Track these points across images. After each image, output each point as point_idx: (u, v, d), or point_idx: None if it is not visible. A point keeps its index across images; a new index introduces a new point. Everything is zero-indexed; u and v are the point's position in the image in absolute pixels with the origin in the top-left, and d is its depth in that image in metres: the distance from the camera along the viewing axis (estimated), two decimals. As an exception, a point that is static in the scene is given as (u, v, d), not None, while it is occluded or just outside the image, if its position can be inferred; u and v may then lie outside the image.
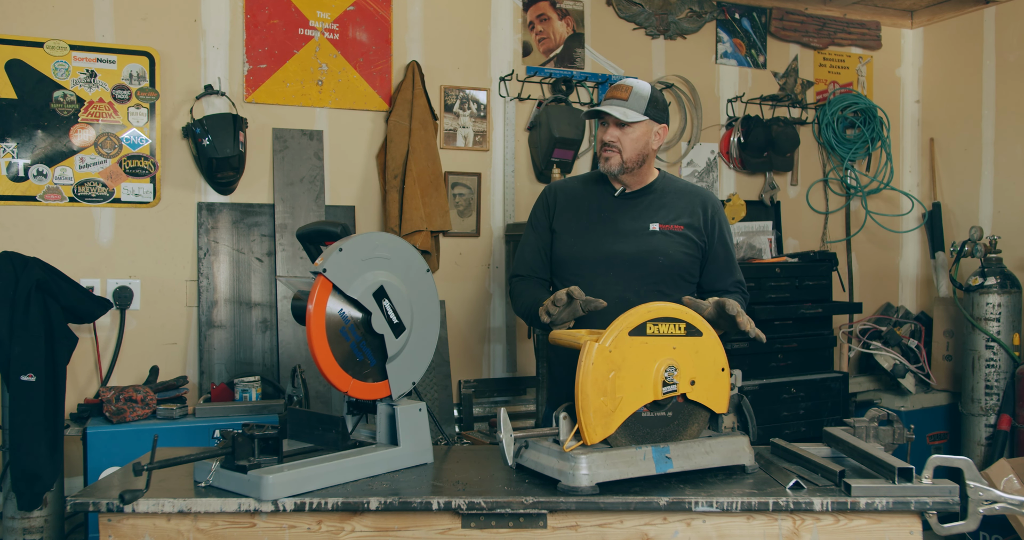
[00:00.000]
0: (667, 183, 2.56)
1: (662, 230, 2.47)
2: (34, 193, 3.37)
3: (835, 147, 4.98)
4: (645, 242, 2.46)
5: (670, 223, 2.48)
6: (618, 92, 2.44)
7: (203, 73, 3.64)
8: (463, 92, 4.12)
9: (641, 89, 2.43)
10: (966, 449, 4.38)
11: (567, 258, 2.55)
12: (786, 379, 4.17)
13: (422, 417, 2.13)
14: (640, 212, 2.50)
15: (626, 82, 2.46)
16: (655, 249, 2.46)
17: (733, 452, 2.01)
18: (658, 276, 2.46)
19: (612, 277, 2.46)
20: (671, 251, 2.46)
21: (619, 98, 2.43)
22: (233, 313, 3.64)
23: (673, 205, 2.51)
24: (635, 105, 2.41)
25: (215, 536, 1.85)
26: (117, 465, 2.88)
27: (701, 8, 4.66)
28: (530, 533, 1.85)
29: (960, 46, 5.00)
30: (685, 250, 2.48)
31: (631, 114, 2.40)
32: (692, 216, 2.50)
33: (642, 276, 2.45)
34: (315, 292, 1.93)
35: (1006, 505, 1.89)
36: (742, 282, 2.58)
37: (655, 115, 2.44)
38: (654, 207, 2.50)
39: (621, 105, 2.41)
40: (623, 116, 2.39)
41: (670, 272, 2.47)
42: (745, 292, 2.58)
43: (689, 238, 2.49)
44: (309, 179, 3.79)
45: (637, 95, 2.42)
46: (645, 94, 2.42)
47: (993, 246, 4.33)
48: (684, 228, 2.49)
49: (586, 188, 2.60)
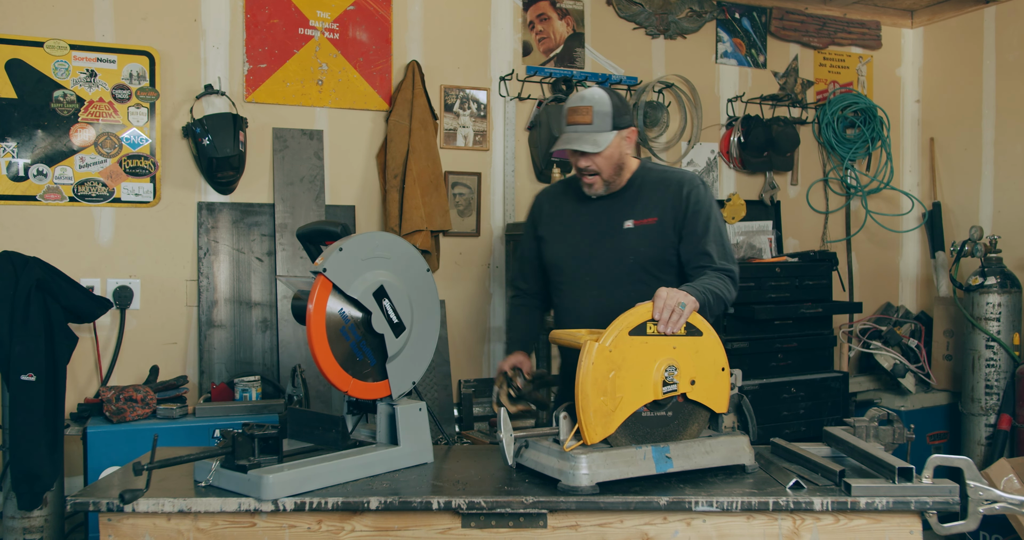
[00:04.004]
0: (646, 174, 2.47)
1: (635, 227, 2.41)
2: (34, 193, 3.37)
3: (835, 147, 4.98)
4: (618, 242, 2.42)
5: (644, 217, 2.41)
6: (579, 116, 2.33)
7: (203, 73, 3.64)
8: (463, 92, 4.12)
9: (601, 104, 2.32)
10: (966, 449, 4.38)
11: (552, 264, 2.54)
12: (786, 379, 4.16)
13: (422, 417, 2.13)
14: (616, 211, 2.45)
15: (584, 100, 2.33)
16: (627, 248, 2.41)
17: (733, 452, 2.01)
18: (633, 275, 2.41)
19: (589, 281, 2.44)
20: (641, 248, 2.40)
21: (582, 123, 2.32)
22: (233, 313, 3.64)
23: (649, 197, 2.43)
24: (601, 125, 2.31)
25: (215, 536, 1.85)
26: (117, 465, 2.88)
27: (701, 8, 4.66)
28: (530, 533, 1.86)
29: (960, 46, 5.00)
30: (659, 242, 2.40)
31: (601, 139, 2.31)
32: (666, 203, 2.41)
33: (617, 277, 2.41)
34: (315, 292, 1.93)
35: (1006, 505, 1.89)
36: (710, 255, 2.36)
37: (621, 123, 2.35)
38: (630, 204, 2.44)
39: (588, 131, 2.31)
40: (594, 147, 2.30)
41: (644, 269, 2.41)
42: (719, 267, 2.35)
43: (662, 228, 2.40)
44: (309, 179, 3.79)
45: (600, 113, 2.31)
46: (607, 109, 2.32)
47: (993, 246, 4.33)
48: (657, 220, 2.40)
49: (568, 191, 2.56)
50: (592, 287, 2.44)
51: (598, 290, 2.43)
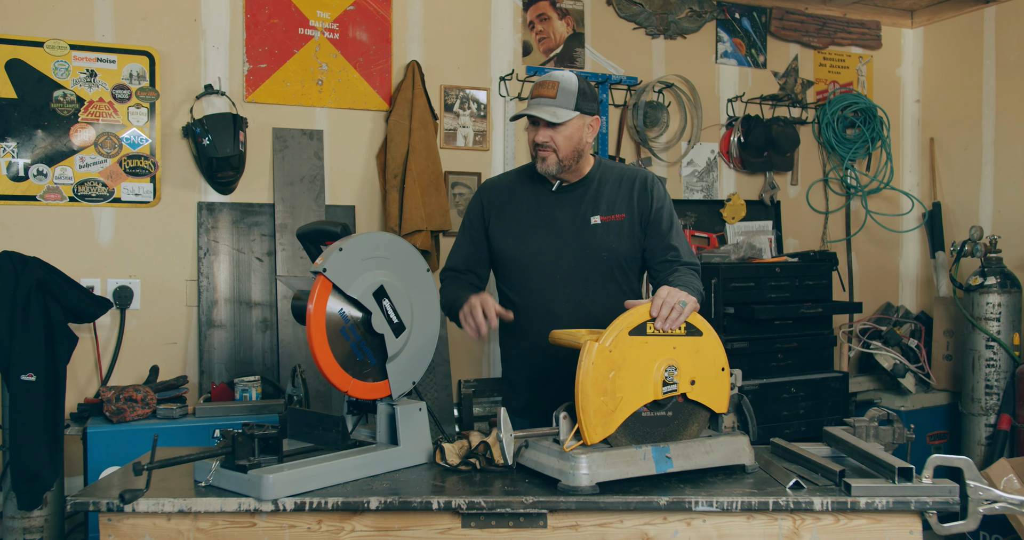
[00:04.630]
0: (604, 171, 2.46)
1: (603, 222, 2.39)
2: (34, 193, 3.37)
3: (835, 147, 4.98)
4: (588, 238, 2.39)
5: (610, 214, 2.39)
6: (544, 89, 2.31)
7: (203, 73, 3.64)
8: (463, 92, 4.12)
9: (568, 83, 2.30)
10: (966, 449, 4.38)
11: (511, 260, 2.46)
12: (786, 379, 4.16)
13: (422, 417, 2.13)
14: (580, 206, 2.41)
15: (552, 77, 2.32)
16: (599, 245, 2.38)
17: (733, 452, 2.01)
18: (607, 272, 2.40)
19: (559, 278, 2.40)
20: (613, 244, 2.39)
21: (546, 96, 2.30)
22: (233, 313, 3.64)
23: (612, 194, 2.42)
24: (564, 102, 2.29)
25: (215, 536, 1.85)
26: (117, 465, 2.89)
27: (701, 8, 4.66)
28: (530, 533, 1.85)
29: (960, 46, 5.00)
30: (628, 239, 2.40)
31: (561, 113, 2.28)
32: (630, 200, 2.41)
33: (589, 273, 2.39)
34: (315, 292, 1.93)
35: (1006, 505, 1.89)
36: (677, 248, 2.39)
37: (586, 108, 2.32)
38: (593, 199, 2.42)
39: (550, 104, 2.29)
40: (553, 117, 2.27)
41: (617, 265, 2.40)
42: (686, 261, 2.39)
43: (631, 225, 2.40)
44: (309, 179, 3.79)
45: (565, 90, 2.29)
46: (573, 89, 2.30)
47: (993, 246, 4.33)
48: (625, 216, 2.40)
49: (521, 184, 2.49)
50: (564, 284, 2.39)
51: (570, 288, 2.39)
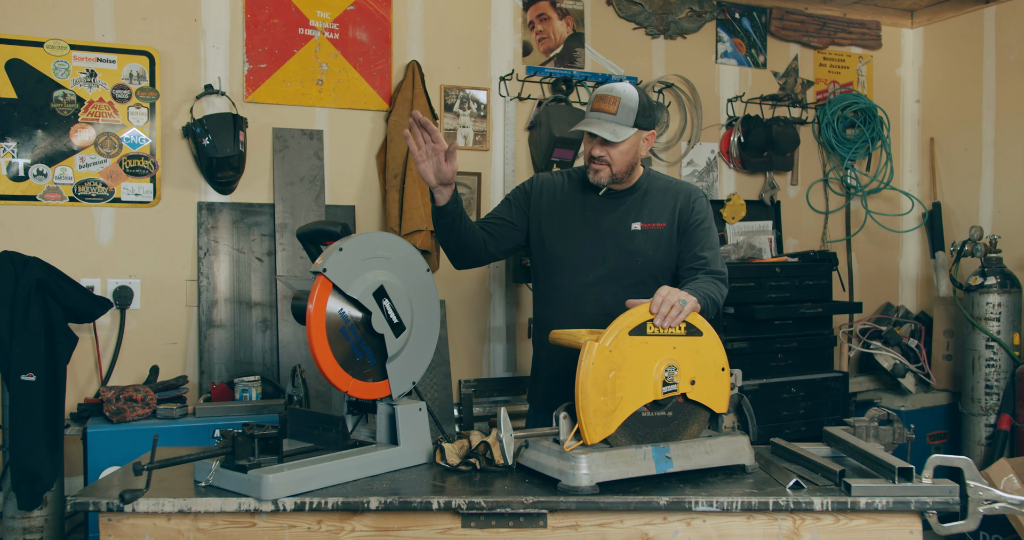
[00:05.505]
0: (652, 181, 2.52)
1: (643, 229, 2.45)
2: (34, 193, 3.37)
3: (835, 147, 4.98)
4: (626, 243, 2.45)
5: (652, 221, 2.46)
6: (605, 104, 2.33)
7: (203, 73, 3.64)
8: (463, 92, 4.12)
9: (629, 99, 2.33)
10: (966, 449, 4.38)
11: (551, 256, 2.53)
12: (786, 379, 4.17)
13: (422, 417, 2.13)
14: (624, 212, 2.48)
15: (614, 91, 2.34)
16: (635, 250, 2.45)
17: (733, 452, 2.01)
18: (637, 276, 2.44)
19: (591, 278, 2.46)
20: (649, 251, 2.45)
21: (606, 112, 2.32)
22: (233, 313, 3.64)
23: (656, 202, 2.48)
24: (624, 119, 2.32)
25: (215, 536, 1.85)
26: (117, 465, 2.89)
27: (701, 8, 4.66)
28: (530, 533, 1.85)
29: (960, 46, 5.00)
30: (665, 248, 2.46)
31: (621, 132, 2.32)
32: (673, 211, 2.47)
33: (621, 277, 2.45)
34: (315, 292, 1.93)
35: (1006, 505, 1.89)
36: (705, 258, 2.42)
37: (644, 123, 2.37)
38: (637, 206, 2.48)
39: (610, 120, 2.32)
40: (612, 136, 2.30)
41: (649, 272, 2.45)
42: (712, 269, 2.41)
43: (669, 235, 2.46)
44: (309, 179, 3.79)
45: (626, 107, 2.32)
46: (634, 105, 2.32)
47: (993, 246, 4.33)
48: (665, 225, 2.46)
49: (571, 185, 2.56)
50: (595, 285, 2.46)
51: (601, 288, 2.45)
